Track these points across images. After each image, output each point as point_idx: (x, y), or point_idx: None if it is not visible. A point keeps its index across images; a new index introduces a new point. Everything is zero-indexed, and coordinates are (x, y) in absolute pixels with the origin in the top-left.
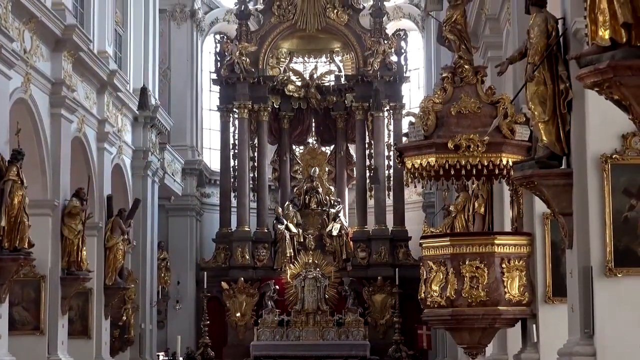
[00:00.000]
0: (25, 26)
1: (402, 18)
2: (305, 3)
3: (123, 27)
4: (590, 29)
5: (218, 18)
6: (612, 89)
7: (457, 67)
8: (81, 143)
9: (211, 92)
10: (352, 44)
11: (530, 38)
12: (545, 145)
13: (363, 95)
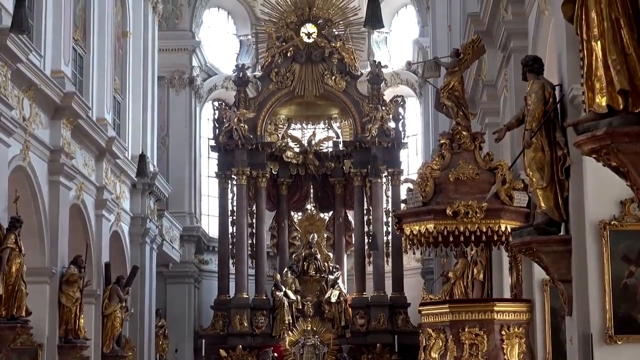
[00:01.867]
0: (25, 94)
1: (399, 84)
2: (304, 70)
3: (122, 94)
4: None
5: (216, 85)
6: (609, 155)
7: (455, 134)
8: (79, 210)
9: (209, 158)
10: (350, 110)
11: (527, 105)
12: (543, 212)
13: (361, 161)
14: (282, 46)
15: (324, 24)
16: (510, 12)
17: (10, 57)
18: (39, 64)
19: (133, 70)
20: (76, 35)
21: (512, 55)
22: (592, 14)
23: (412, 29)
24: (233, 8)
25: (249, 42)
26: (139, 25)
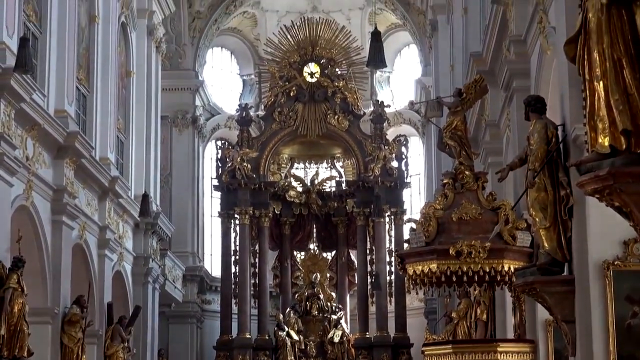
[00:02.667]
0: (28, 133)
1: (402, 124)
2: (306, 109)
3: (125, 133)
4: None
5: (219, 124)
6: (612, 195)
7: (457, 173)
8: (82, 250)
9: (212, 198)
10: (353, 149)
11: (530, 144)
12: (546, 252)
13: (364, 201)
14: (285, 85)
15: (326, 63)
16: (512, 51)
17: (14, 97)
18: (43, 103)
19: (136, 110)
20: (80, 75)
21: (515, 95)
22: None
23: (415, 69)
24: (236, 48)
25: (252, 82)
26: (143, 65)
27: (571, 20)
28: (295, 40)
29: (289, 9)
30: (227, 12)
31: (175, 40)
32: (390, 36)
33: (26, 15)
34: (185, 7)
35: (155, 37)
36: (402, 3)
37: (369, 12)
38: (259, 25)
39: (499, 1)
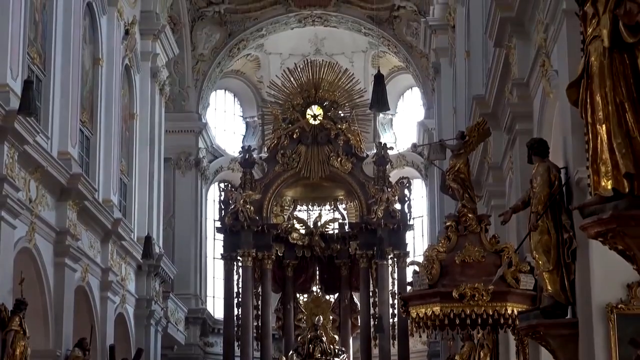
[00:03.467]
0: (31, 176)
1: (405, 166)
2: (309, 152)
3: (128, 175)
4: (592, 179)
5: (222, 166)
6: (616, 239)
7: (460, 216)
8: (84, 292)
9: (215, 240)
10: (356, 192)
11: (533, 187)
12: (550, 295)
13: (367, 243)
14: (288, 128)
15: (330, 106)
16: (515, 94)
17: (18, 139)
18: (46, 145)
19: (139, 152)
20: (83, 117)
21: (518, 138)
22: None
23: (418, 111)
24: (240, 90)
25: (255, 124)
26: (146, 107)
27: (573, 64)
28: (298, 83)
29: (292, 51)
30: (230, 55)
31: (179, 83)
32: (393, 79)
33: (30, 58)
34: (189, 50)
35: (158, 79)
36: (404, 46)
37: (372, 55)
38: (262, 68)
39: (502, 44)
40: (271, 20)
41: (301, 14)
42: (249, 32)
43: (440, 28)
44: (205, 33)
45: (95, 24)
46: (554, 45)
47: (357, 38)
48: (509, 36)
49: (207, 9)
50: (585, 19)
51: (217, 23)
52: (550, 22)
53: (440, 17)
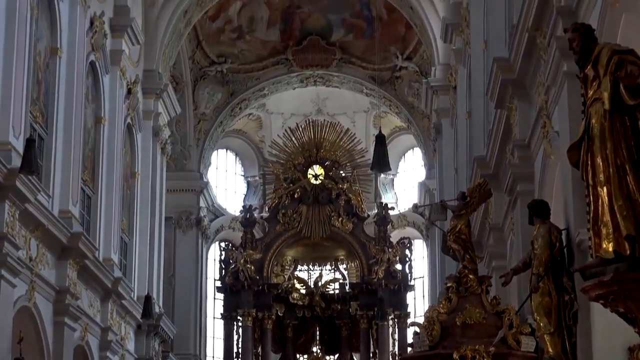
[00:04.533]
0: (32, 234)
1: (406, 226)
2: (310, 211)
3: (129, 234)
4: (593, 241)
5: (223, 226)
6: (617, 301)
7: (461, 277)
8: (84, 351)
9: (215, 299)
10: (357, 252)
11: (534, 249)
12: (551, 357)
13: (367, 303)
14: (289, 187)
15: (331, 165)
16: (516, 156)
17: (19, 198)
18: (47, 204)
19: (140, 211)
20: (85, 176)
21: (519, 199)
22: (598, 160)
23: (419, 172)
24: (241, 150)
25: (257, 183)
26: (148, 166)
27: (574, 126)
28: (299, 142)
29: (294, 111)
30: (232, 114)
31: (181, 142)
32: (394, 139)
33: (33, 117)
34: (191, 109)
35: (160, 138)
36: (406, 106)
37: (374, 115)
38: (264, 127)
39: (503, 106)
40: (273, 80)
41: (303, 74)
42: (251, 91)
43: (441, 89)
44: (208, 92)
45: (98, 83)
46: (555, 107)
47: (358, 98)
48: (510, 98)
49: (209, 69)
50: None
51: (219, 82)
52: (551, 84)
53: (441, 78)
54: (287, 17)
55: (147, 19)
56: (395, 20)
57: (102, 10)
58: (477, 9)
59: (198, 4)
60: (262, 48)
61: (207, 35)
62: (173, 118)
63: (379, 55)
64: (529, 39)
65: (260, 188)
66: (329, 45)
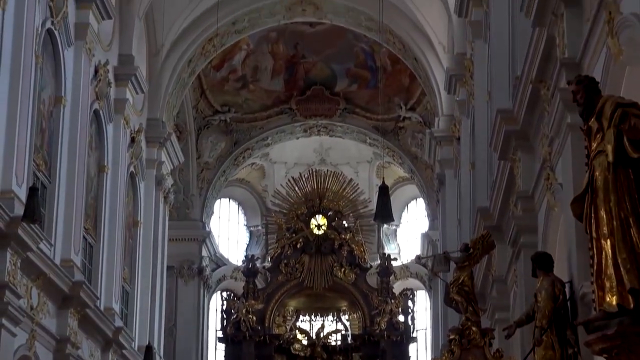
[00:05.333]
0: (33, 283)
1: (409, 278)
2: (313, 262)
3: (130, 283)
4: (597, 294)
5: (225, 275)
6: (621, 355)
7: (464, 329)
8: None
9: (217, 350)
10: (359, 302)
11: (537, 301)
12: None
13: (370, 355)
14: (291, 237)
15: (334, 215)
16: (519, 207)
17: (21, 246)
18: (49, 252)
19: (142, 260)
20: (87, 225)
21: (522, 251)
22: (602, 213)
23: (422, 222)
24: (244, 199)
25: (259, 233)
26: (150, 215)
27: (578, 178)
28: (302, 192)
29: (297, 161)
30: (235, 164)
31: (184, 191)
32: (397, 189)
33: (36, 165)
34: (194, 158)
35: (163, 187)
36: (409, 157)
37: (377, 166)
38: (267, 177)
39: (506, 157)
40: (277, 129)
41: (307, 123)
42: (254, 140)
43: (445, 140)
44: (211, 141)
45: (102, 131)
46: (558, 159)
47: (362, 148)
48: (514, 149)
49: (213, 118)
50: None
51: (222, 131)
52: (555, 135)
53: (445, 129)
54: (291, 66)
55: (152, 68)
56: (399, 71)
57: (106, 59)
58: (480, 61)
59: (202, 54)
60: (266, 97)
61: (211, 84)
62: (176, 167)
63: (382, 105)
64: (533, 91)
65: (262, 238)
66: (332, 95)
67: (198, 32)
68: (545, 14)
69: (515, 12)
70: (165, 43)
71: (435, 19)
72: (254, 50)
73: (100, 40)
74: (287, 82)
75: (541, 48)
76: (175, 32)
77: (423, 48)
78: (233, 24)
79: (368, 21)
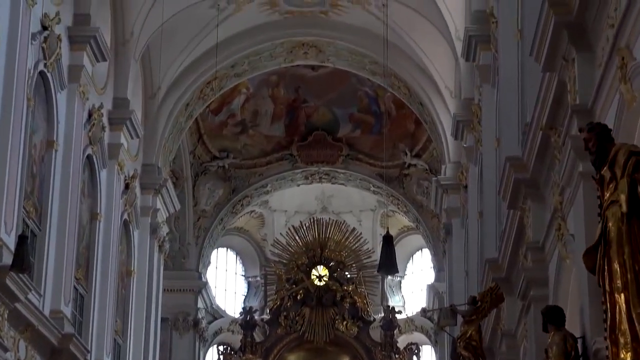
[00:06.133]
0: (21, 335)
1: (414, 331)
2: (314, 314)
3: (123, 336)
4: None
5: (222, 328)
6: None
7: None
8: None
9: None
10: (362, 357)
11: (548, 357)
12: None
13: None
14: (291, 289)
15: (336, 266)
16: (529, 259)
17: (9, 296)
18: (38, 303)
19: (136, 311)
20: (78, 274)
21: (532, 304)
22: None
23: (428, 274)
24: (242, 248)
25: (258, 284)
26: (144, 264)
27: (590, 229)
28: (303, 242)
29: (298, 209)
30: (233, 212)
31: (179, 240)
32: (402, 239)
33: (26, 212)
34: (191, 205)
35: (158, 235)
36: (415, 206)
37: (381, 214)
38: (266, 225)
39: (516, 206)
40: (277, 176)
41: (308, 170)
42: (253, 188)
43: (452, 187)
44: (209, 188)
45: (95, 177)
46: (570, 209)
47: (365, 196)
48: (524, 198)
49: (211, 164)
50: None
51: (220, 178)
52: (566, 184)
53: (452, 176)
54: (292, 111)
55: (147, 112)
56: (404, 116)
57: (100, 102)
58: (489, 106)
59: (200, 97)
60: (265, 143)
61: (209, 129)
62: (172, 214)
63: (387, 152)
64: (543, 138)
65: (261, 289)
66: (335, 141)
67: (196, 75)
68: (555, 58)
69: (525, 56)
70: (161, 86)
71: (441, 62)
72: (254, 94)
73: (95, 83)
74: (287, 127)
75: (552, 94)
76: (172, 74)
77: (429, 92)
78: (232, 66)
79: (372, 64)
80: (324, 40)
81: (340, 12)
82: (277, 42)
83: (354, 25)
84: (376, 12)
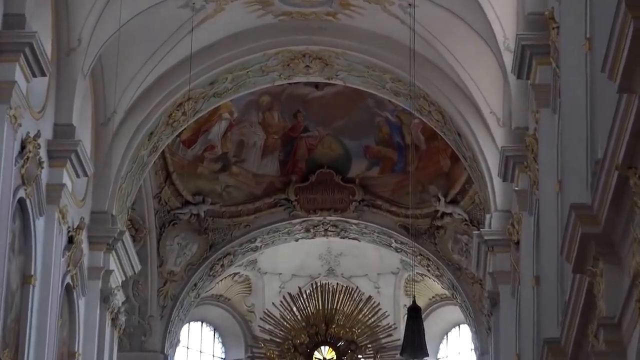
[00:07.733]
0: None
1: None
2: None
3: None
4: None
5: None
6: None
7: None
8: None
9: None
10: None
11: None
12: None
13: None
14: None
15: (345, 347)
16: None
17: None
18: None
19: None
20: (5, 356)
21: None
22: None
23: (467, 357)
24: (222, 323)
25: None
26: (92, 344)
27: None
28: (303, 315)
29: (296, 271)
30: (211, 274)
31: (139, 311)
32: (434, 312)
33: None
34: (155, 265)
35: (111, 306)
36: (450, 268)
37: (406, 279)
38: (254, 293)
39: (584, 270)
40: (268, 228)
41: (310, 220)
42: (237, 243)
43: (499, 245)
44: (178, 243)
45: (28, 229)
46: None
47: (385, 255)
48: (594, 259)
49: (181, 211)
50: None
51: (194, 230)
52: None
53: (499, 230)
54: (290, 143)
55: (99, 143)
56: (436, 150)
57: (37, 130)
58: (548, 138)
59: (168, 124)
60: (254, 184)
61: (180, 166)
62: (130, 278)
63: (413, 197)
64: (619, 180)
65: None
66: (345, 182)
67: (163, 95)
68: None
69: (596, 72)
70: (117, 109)
71: (485, 80)
72: (239, 120)
73: (30, 104)
74: (283, 164)
75: (630, 122)
76: (131, 94)
77: (469, 120)
78: (211, 84)
79: (395, 82)
80: (332, 50)
81: (353, 13)
82: (270, 53)
83: (371, 31)
84: (400, 13)
